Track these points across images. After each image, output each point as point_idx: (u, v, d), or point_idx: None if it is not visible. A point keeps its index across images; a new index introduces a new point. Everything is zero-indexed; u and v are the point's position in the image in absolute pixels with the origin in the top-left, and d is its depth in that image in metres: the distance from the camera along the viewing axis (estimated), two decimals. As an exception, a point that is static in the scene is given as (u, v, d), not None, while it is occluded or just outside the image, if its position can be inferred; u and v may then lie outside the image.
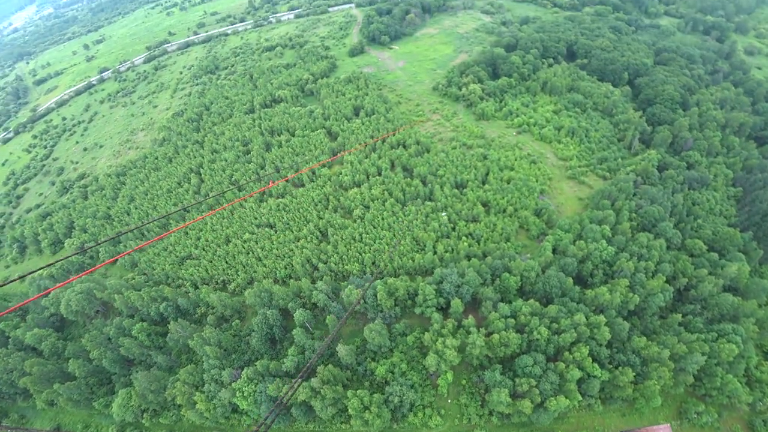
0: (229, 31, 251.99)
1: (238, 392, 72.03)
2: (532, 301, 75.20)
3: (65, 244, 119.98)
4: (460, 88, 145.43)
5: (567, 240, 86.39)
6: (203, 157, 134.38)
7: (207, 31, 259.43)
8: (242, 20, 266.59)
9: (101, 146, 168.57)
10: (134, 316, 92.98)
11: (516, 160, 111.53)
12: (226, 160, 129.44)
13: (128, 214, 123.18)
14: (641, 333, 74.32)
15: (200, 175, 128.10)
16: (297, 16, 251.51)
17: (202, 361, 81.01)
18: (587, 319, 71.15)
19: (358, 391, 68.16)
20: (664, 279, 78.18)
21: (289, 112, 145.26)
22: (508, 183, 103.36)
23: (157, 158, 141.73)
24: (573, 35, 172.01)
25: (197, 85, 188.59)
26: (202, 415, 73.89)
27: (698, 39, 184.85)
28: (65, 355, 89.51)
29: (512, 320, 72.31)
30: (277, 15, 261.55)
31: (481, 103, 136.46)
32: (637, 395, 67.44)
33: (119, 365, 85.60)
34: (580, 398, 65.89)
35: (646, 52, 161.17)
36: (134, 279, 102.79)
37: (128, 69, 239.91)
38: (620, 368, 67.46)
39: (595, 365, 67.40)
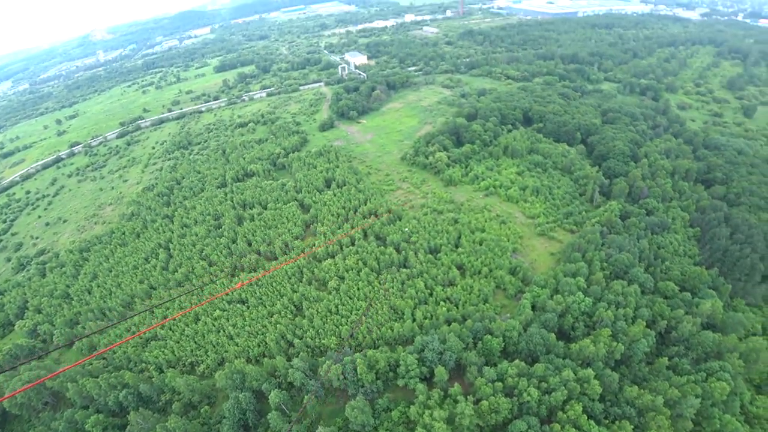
0: (203, 109, 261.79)
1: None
2: (517, 361, 74.27)
3: (16, 326, 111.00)
4: (427, 157, 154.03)
5: (544, 295, 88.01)
6: (173, 232, 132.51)
7: (181, 108, 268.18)
8: (216, 98, 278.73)
9: (65, 221, 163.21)
10: (89, 407, 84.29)
11: (486, 221, 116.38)
12: (196, 235, 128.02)
13: (89, 293, 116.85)
14: (632, 382, 73.69)
15: (169, 250, 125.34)
16: (269, 94, 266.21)
17: (165, 458, 73.59)
18: (576, 374, 70.38)
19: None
20: (644, 324, 79.49)
21: (261, 185, 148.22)
22: (481, 244, 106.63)
23: (124, 233, 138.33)
24: (527, 103, 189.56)
25: (169, 159, 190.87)
26: None
27: (637, 99, 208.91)
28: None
29: (500, 384, 70.66)
30: (250, 93, 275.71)
31: (448, 170, 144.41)
32: None
33: None
34: None
35: (593, 114, 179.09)
36: (91, 365, 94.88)
37: (100, 144, 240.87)
38: (617, 422, 65.61)
39: (591, 422, 65.18)
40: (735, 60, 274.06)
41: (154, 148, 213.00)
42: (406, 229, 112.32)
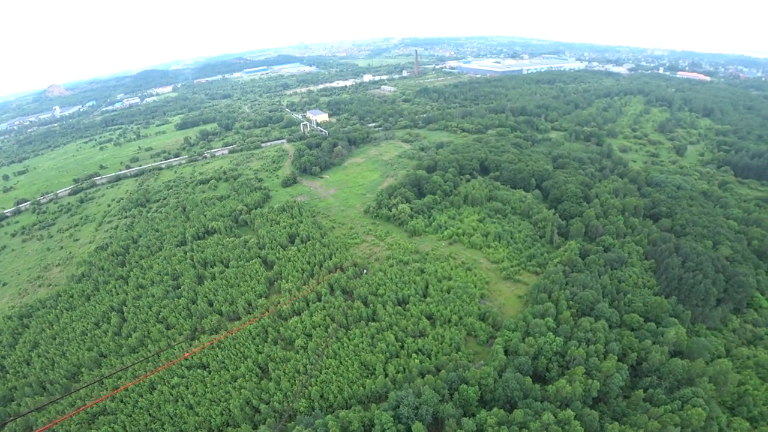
0: (163, 166, 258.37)
1: None
2: (495, 409, 73.41)
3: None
4: (389, 209, 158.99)
5: (516, 339, 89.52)
6: (127, 294, 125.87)
7: (141, 165, 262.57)
8: (177, 155, 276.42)
9: (4, 284, 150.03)
10: None
11: (452, 269, 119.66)
12: (153, 296, 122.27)
13: (28, 364, 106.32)
14: (611, 418, 74.22)
15: (122, 313, 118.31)
16: (231, 152, 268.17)
17: None
18: (556, 417, 70.14)
19: None
20: (616, 358, 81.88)
21: (222, 243, 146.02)
22: (449, 293, 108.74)
23: (72, 296, 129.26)
24: (483, 153, 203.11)
25: (126, 217, 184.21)
26: None
27: (582, 145, 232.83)
28: None
29: None
30: (212, 151, 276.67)
31: (411, 221, 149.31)
32: None
33: None
34: None
35: (545, 160, 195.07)
36: None
37: (50, 201, 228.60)
38: None
39: None
40: (662, 106, 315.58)
41: (109, 205, 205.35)
42: (365, 272, 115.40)
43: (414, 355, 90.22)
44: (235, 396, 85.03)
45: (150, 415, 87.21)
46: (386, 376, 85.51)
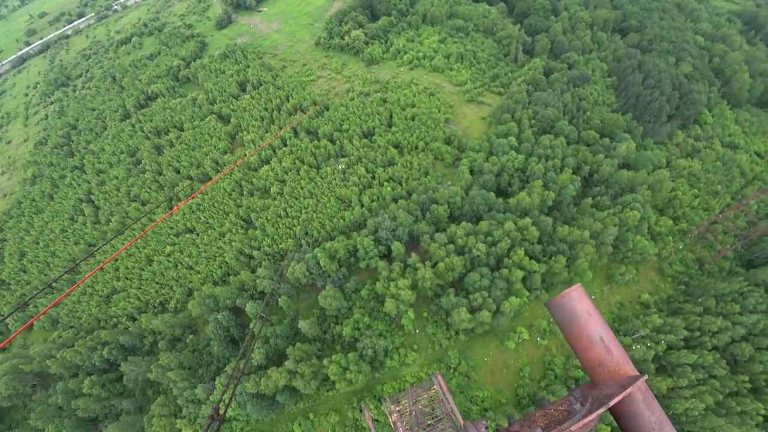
0: (69, 32, 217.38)
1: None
2: (464, 223, 79.59)
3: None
4: (342, 38, 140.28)
5: (480, 159, 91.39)
6: (90, 182, 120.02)
7: (42, 38, 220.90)
8: (81, 15, 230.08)
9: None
10: (78, 374, 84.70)
11: (415, 96, 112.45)
12: (117, 178, 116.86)
13: (25, 272, 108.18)
14: (563, 223, 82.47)
15: (93, 202, 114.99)
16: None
17: (171, 389, 77.29)
18: (516, 225, 77.38)
19: (333, 357, 69.85)
20: (571, 171, 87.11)
21: (169, 106, 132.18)
22: (413, 120, 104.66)
23: (34, 200, 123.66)
24: None
25: (52, 103, 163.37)
26: (190, 438, 72.19)
27: None
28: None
29: (451, 246, 76.57)
30: (121, 1, 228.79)
31: (367, 48, 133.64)
32: (572, 275, 76.25)
33: (84, 429, 79.39)
34: (528, 293, 73.47)
35: None
36: (61, 337, 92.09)
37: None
38: (553, 258, 75.30)
39: (533, 262, 74.52)
40: None
41: (27, 95, 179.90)
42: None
43: (386, 183, 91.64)
44: (228, 249, 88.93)
45: (157, 283, 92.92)
46: (362, 206, 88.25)
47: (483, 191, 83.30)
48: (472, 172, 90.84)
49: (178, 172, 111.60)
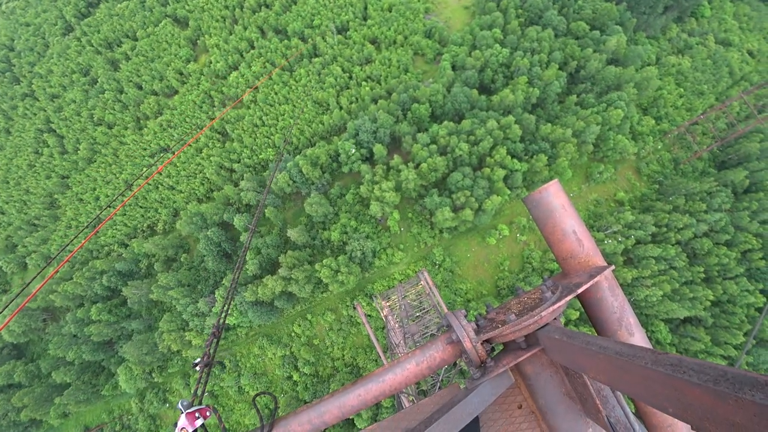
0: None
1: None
2: (446, 122, 76.61)
3: None
4: None
5: (463, 54, 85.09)
6: (45, 110, 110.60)
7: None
8: None
9: None
10: (83, 304, 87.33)
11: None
12: (74, 101, 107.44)
13: (3, 213, 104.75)
14: (546, 121, 79.83)
15: (55, 131, 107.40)
16: None
17: (175, 306, 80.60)
18: (498, 123, 74.63)
19: (324, 261, 71.73)
20: (557, 67, 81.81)
21: (115, 12, 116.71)
22: (390, 11, 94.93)
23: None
24: None
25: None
26: (201, 348, 76.73)
27: None
28: (44, 372, 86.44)
29: (434, 146, 74.53)
30: None
31: None
32: (552, 174, 75.60)
33: (101, 350, 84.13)
34: (509, 192, 73.36)
35: None
36: (57, 273, 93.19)
37: None
38: (535, 156, 74.16)
39: (515, 161, 73.34)
40: None
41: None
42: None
43: (364, 83, 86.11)
44: (207, 165, 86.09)
45: (141, 207, 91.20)
46: (341, 108, 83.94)
47: (465, 88, 78.88)
48: (454, 68, 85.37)
49: (140, 87, 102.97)
